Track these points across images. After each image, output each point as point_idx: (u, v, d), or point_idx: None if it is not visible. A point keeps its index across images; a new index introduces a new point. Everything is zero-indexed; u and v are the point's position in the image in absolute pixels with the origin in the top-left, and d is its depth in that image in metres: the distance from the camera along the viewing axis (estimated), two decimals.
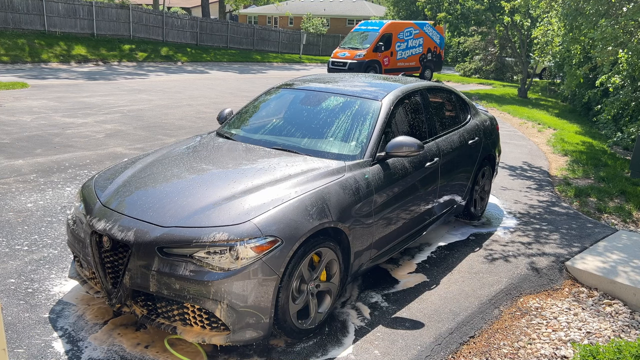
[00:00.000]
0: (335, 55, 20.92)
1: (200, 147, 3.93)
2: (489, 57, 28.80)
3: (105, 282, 2.97)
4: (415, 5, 36.77)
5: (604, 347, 3.01)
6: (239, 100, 12.55)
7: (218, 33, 29.33)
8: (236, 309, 2.73)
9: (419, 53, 22.78)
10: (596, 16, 9.01)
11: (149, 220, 2.86)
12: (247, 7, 53.43)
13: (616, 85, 10.32)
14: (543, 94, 22.69)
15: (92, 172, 6.01)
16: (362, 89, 4.32)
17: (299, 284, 3.02)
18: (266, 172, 3.32)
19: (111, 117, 9.42)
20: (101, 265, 2.97)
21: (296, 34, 35.44)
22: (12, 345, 2.90)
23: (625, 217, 5.95)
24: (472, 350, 3.25)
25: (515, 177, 7.48)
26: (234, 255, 2.71)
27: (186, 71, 19.98)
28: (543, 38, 16.75)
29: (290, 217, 2.90)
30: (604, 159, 8.98)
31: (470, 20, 22.46)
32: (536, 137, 11.31)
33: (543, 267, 4.45)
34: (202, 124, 9.39)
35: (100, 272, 2.97)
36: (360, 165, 3.57)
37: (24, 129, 7.93)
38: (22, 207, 4.87)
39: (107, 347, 2.95)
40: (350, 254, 3.36)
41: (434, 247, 4.70)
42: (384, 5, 51.77)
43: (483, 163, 5.33)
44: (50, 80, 14.02)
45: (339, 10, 52.73)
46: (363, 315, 3.48)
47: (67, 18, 21.61)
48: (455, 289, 3.95)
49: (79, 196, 3.40)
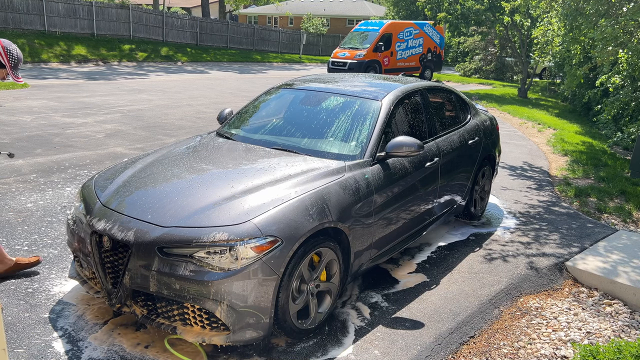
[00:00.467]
0: (335, 55, 20.93)
1: (200, 147, 3.93)
2: (489, 57, 28.80)
3: (105, 282, 2.97)
4: (415, 5, 36.77)
5: (604, 347, 3.00)
6: (239, 100, 12.55)
7: (218, 33, 29.33)
8: (236, 309, 2.73)
9: (419, 53, 22.78)
10: (596, 16, 9.01)
11: (149, 220, 2.86)
12: (247, 7, 53.44)
13: (616, 85, 10.32)
14: (543, 94, 22.70)
15: (92, 172, 6.01)
16: (362, 89, 4.32)
17: (299, 284, 3.02)
18: (266, 172, 3.32)
19: (111, 117, 9.43)
20: (101, 265, 2.97)
21: (296, 34, 35.45)
22: (12, 345, 2.90)
23: (625, 217, 5.96)
24: (472, 350, 3.25)
25: (515, 177, 7.48)
26: (234, 256, 2.71)
27: (186, 71, 19.98)
28: (543, 38, 16.75)
29: (290, 217, 2.91)
30: (604, 159, 8.98)
31: (470, 20, 22.46)
32: (536, 137, 11.31)
33: (543, 267, 4.45)
34: (202, 124, 9.39)
35: (100, 272, 2.97)
36: (360, 165, 3.57)
37: (24, 129, 7.93)
38: (22, 207, 4.87)
39: (107, 347, 2.95)
40: (350, 254, 3.36)
41: (434, 247, 4.70)
42: (384, 5, 51.77)
43: (483, 163, 5.33)
44: (50, 80, 14.02)
45: (339, 10, 52.73)
46: (363, 315, 3.48)
47: (67, 18, 21.62)
48: (455, 289, 3.95)
49: (79, 196, 3.40)
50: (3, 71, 3.33)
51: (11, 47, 3.31)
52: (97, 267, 2.97)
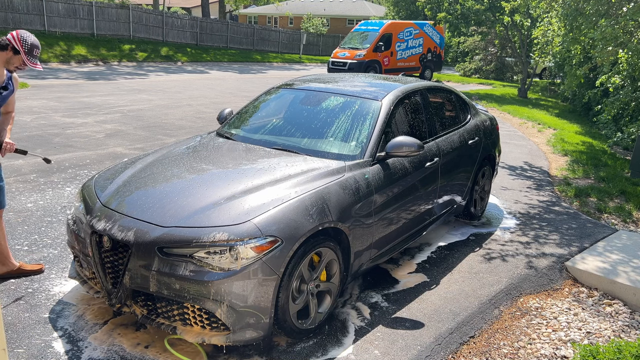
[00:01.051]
0: (335, 55, 20.92)
1: (200, 147, 3.93)
2: (489, 57, 28.79)
3: (105, 282, 2.97)
4: (415, 5, 36.76)
5: (604, 347, 3.00)
6: (239, 100, 12.55)
7: (218, 33, 29.33)
8: (236, 309, 2.73)
9: (419, 53, 22.78)
10: (596, 16, 9.01)
11: (149, 220, 2.86)
12: (247, 7, 53.43)
13: (616, 85, 10.32)
14: (543, 94, 22.69)
15: (92, 172, 6.01)
16: (362, 89, 4.32)
17: (299, 284, 3.02)
18: (266, 172, 3.32)
19: (111, 117, 9.43)
20: (101, 265, 2.97)
21: (296, 34, 35.44)
22: (12, 345, 2.90)
23: (625, 217, 5.96)
24: (472, 350, 3.25)
25: (515, 177, 7.48)
26: (234, 256, 2.71)
27: (186, 71, 19.98)
28: (543, 38, 16.75)
29: (290, 217, 2.90)
30: (604, 159, 8.98)
31: (470, 20, 22.47)
32: (536, 137, 11.31)
33: (543, 267, 4.45)
34: (202, 124, 9.39)
35: (100, 272, 2.97)
36: (360, 165, 3.57)
37: (24, 129, 7.93)
38: (22, 207, 4.87)
39: (107, 347, 2.95)
40: (350, 254, 3.36)
41: (434, 247, 4.70)
42: (384, 5, 51.75)
43: (483, 163, 5.33)
44: (50, 80, 14.02)
45: (339, 10, 52.73)
46: (363, 315, 3.48)
47: (67, 18, 21.62)
48: (455, 289, 3.95)
49: (79, 196, 3.40)
50: (19, 58, 3.31)
51: (25, 35, 3.31)
52: (97, 267, 2.97)
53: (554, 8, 12.27)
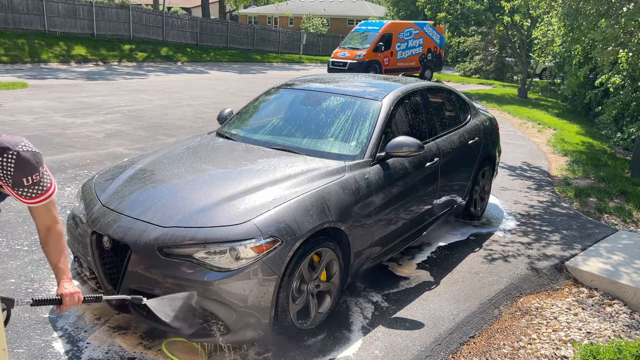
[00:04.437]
0: (335, 55, 20.92)
1: (200, 147, 3.93)
2: (489, 57, 28.79)
3: (105, 282, 2.96)
4: (415, 5, 36.74)
5: (604, 347, 3.01)
6: (239, 100, 12.54)
7: (218, 33, 29.32)
8: (236, 309, 2.72)
9: (419, 53, 22.77)
10: (596, 16, 9.00)
11: (148, 221, 2.86)
12: (247, 7, 53.42)
13: (616, 85, 10.32)
14: (543, 94, 22.69)
15: (92, 172, 6.01)
16: (362, 89, 4.32)
17: (299, 284, 3.02)
18: (266, 172, 3.32)
19: (111, 117, 9.42)
20: (101, 265, 2.96)
21: (296, 34, 35.44)
22: (12, 345, 2.90)
23: (625, 217, 5.95)
24: (472, 350, 3.25)
25: (515, 177, 7.48)
26: (234, 256, 2.71)
27: (186, 71, 19.98)
28: (543, 38, 16.75)
29: (290, 217, 2.90)
30: (604, 159, 8.98)
31: (470, 20, 22.49)
32: (536, 137, 11.31)
33: (543, 267, 4.45)
34: (202, 124, 9.38)
35: (100, 272, 2.96)
36: (360, 165, 3.56)
37: (24, 129, 7.92)
38: (23, 207, 4.86)
39: (107, 347, 2.95)
40: (351, 254, 3.36)
41: (434, 247, 4.69)
42: (384, 5, 51.73)
43: (483, 163, 5.33)
44: (50, 81, 14.01)
45: (339, 10, 52.73)
46: (363, 315, 3.48)
47: (67, 18, 21.60)
48: (455, 289, 3.95)
49: (79, 196, 3.40)
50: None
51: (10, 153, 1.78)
52: (97, 267, 2.97)
53: (554, 8, 12.27)
